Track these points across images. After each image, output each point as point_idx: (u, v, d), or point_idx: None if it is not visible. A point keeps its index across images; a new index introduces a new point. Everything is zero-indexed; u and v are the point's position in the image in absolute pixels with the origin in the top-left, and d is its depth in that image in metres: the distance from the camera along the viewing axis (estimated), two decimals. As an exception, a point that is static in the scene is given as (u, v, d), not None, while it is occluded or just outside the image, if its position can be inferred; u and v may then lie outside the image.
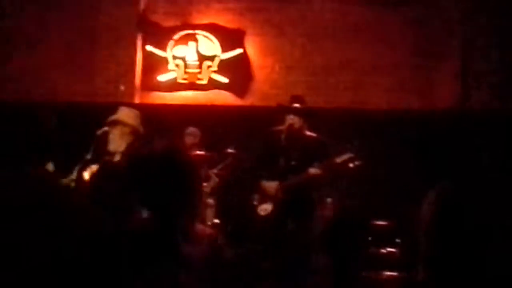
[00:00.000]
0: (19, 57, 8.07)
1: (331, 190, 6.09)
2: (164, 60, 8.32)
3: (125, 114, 4.50)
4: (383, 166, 6.88)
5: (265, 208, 5.55)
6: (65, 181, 4.08)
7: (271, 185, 5.54)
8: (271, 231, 5.36)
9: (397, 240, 6.17)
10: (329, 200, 6.33)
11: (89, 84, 8.13)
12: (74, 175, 4.26)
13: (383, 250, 6.11)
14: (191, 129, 6.68)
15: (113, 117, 4.44)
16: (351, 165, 5.36)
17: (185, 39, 8.32)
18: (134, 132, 4.42)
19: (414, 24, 7.97)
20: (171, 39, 8.30)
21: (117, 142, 4.36)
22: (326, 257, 5.06)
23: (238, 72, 8.29)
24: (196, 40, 8.31)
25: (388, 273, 5.84)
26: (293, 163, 5.49)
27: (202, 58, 8.31)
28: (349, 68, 8.14)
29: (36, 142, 2.03)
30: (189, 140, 6.63)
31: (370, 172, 5.65)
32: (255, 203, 5.64)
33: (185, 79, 8.31)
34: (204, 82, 8.31)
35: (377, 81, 8.10)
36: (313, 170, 5.36)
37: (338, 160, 5.37)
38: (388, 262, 5.98)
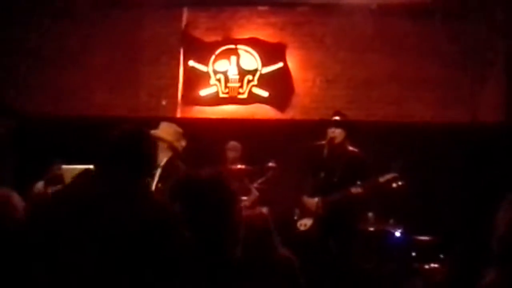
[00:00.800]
0: (65, 74, 8.24)
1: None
2: (206, 75, 8.37)
3: (163, 129, 4.63)
4: (427, 181, 6.75)
5: (305, 223, 5.52)
6: None
7: (311, 201, 5.50)
8: (310, 246, 5.32)
9: (441, 256, 6.02)
10: (370, 215, 6.25)
11: (132, 98, 8.25)
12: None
13: (426, 266, 5.97)
14: (232, 143, 6.70)
15: (152, 133, 4.53)
16: (394, 185, 5.28)
17: (226, 54, 8.36)
18: (171, 147, 4.56)
19: (459, 37, 7.80)
20: (213, 54, 8.35)
21: (157, 157, 4.46)
22: None
23: (278, 86, 8.27)
24: (237, 55, 8.34)
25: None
26: (335, 179, 5.44)
27: (243, 72, 8.33)
28: (392, 82, 8.01)
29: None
30: (230, 154, 6.66)
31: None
32: (295, 217, 5.61)
33: (226, 93, 8.34)
34: (245, 96, 8.32)
35: (421, 94, 7.96)
36: (354, 189, 5.30)
37: (382, 179, 5.31)
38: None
